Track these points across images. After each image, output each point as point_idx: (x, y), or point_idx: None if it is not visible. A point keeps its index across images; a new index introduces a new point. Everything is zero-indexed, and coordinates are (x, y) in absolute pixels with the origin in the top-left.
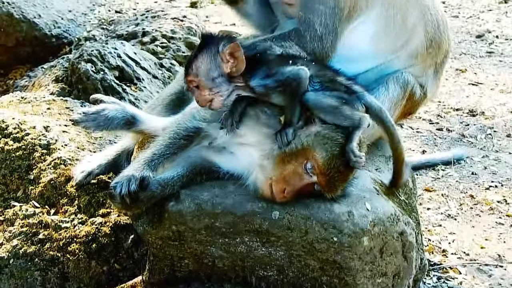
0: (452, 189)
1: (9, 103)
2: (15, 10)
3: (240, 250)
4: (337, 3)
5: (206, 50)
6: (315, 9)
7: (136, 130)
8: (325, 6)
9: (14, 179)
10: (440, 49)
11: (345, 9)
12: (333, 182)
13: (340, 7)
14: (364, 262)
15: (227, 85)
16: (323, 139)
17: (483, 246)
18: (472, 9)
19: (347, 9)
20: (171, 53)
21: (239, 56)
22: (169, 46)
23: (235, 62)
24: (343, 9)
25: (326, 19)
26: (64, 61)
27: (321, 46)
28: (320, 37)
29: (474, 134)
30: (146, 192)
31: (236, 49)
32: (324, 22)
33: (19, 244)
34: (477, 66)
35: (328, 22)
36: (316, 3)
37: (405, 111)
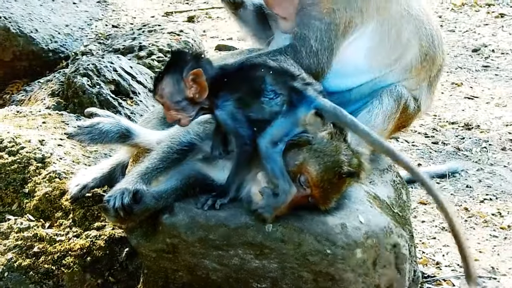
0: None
1: (4, 117)
2: (11, 24)
3: (234, 263)
4: (333, 19)
5: (171, 74)
6: (311, 25)
7: (131, 143)
8: (321, 22)
9: (9, 193)
10: (434, 63)
11: (340, 25)
12: (327, 194)
13: (335, 23)
14: (357, 274)
15: (192, 108)
16: (316, 153)
17: (477, 259)
18: (468, 24)
19: (343, 25)
20: None
21: (201, 82)
22: (165, 60)
23: (197, 88)
24: (338, 25)
25: (322, 35)
26: (60, 75)
27: (316, 61)
28: (315, 53)
29: (469, 147)
30: (140, 205)
31: (198, 75)
32: (319, 38)
33: (14, 257)
34: (473, 80)
35: (324, 38)
36: (312, 19)
37: (399, 124)
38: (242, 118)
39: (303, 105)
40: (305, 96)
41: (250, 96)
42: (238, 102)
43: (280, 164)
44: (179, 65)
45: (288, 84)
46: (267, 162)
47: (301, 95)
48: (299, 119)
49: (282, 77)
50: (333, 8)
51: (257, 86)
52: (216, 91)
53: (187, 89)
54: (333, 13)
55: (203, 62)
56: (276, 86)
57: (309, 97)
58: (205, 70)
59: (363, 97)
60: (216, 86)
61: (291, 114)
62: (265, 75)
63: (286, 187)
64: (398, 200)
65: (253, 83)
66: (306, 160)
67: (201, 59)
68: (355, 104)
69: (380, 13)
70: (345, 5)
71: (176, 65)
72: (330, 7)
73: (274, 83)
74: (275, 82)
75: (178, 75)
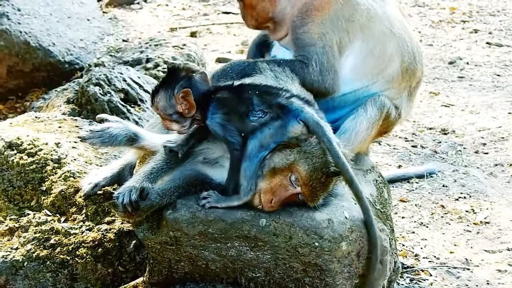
0: (424, 200)
1: (24, 122)
2: (31, 39)
3: (231, 254)
4: (325, 42)
5: (165, 89)
6: (307, 51)
7: (138, 146)
8: (315, 46)
9: (28, 190)
10: (414, 76)
11: (334, 46)
12: (315, 192)
13: (329, 45)
14: (343, 265)
15: (184, 120)
16: (305, 154)
17: (452, 251)
18: (445, 38)
19: (336, 46)
20: None
21: (189, 100)
22: None
23: (187, 105)
24: (332, 47)
25: (319, 58)
26: (75, 85)
27: (321, 80)
28: (319, 72)
29: (445, 150)
30: (146, 201)
31: (187, 94)
32: (318, 60)
33: (32, 248)
34: (449, 90)
35: (323, 60)
36: (307, 46)
37: (381, 130)
38: (231, 127)
39: (291, 119)
40: (290, 110)
41: (239, 115)
42: (226, 116)
43: (254, 168)
44: (172, 82)
45: (273, 102)
46: (245, 160)
47: (286, 109)
48: (288, 131)
49: (267, 95)
50: (322, 32)
51: (245, 107)
52: (207, 105)
53: (177, 104)
54: (324, 37)
55: (193, 80)
56: (263, 106)
57: (295, 110)
58: (195, 88)
59: (348, 105)
60: (206, 101)
61: (281, 126)
62: (252, 97)
63: (246, 191)
64: (380, 197)
65: (241, 104)
66: (296, 160)
67: (192, 78)
68: (340, 111)
69: (364, 32)
70: (332, 28)
71: (169, 82)
72: (320, 31)
73: (261, 103)
74: (262, 102)
75: (170, 91)
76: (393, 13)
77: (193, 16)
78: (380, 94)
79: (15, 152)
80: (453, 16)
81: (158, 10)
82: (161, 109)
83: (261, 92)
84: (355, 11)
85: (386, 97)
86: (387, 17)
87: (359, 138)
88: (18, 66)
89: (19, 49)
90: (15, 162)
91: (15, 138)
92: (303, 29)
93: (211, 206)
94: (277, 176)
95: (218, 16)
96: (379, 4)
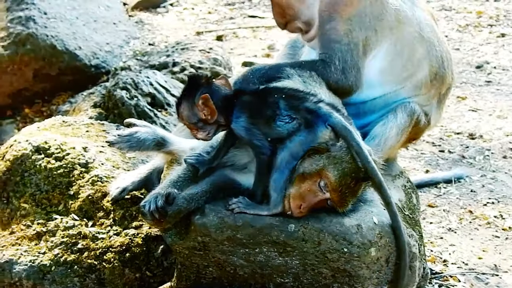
0: (452, 205)
1: (51, 126)
2: (58, 42)
3: (259, 259)
4: (351, 39)
5: (186, 99)
6: (331, 48)
7: (166, 150)
8: (340, 43)
9: (56, 195)
10: (444, 83)
11: (359, 44)
12: (345, 198)
13: (354, 43)
14: (372, 271)
15: (209, 126)
16: (334, 159)
17: (480, 257)
18: (472, 42)
19: (361, 44)
20: None
21: (210, 106)
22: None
23: (208, 111)
24: (357, 44)
25: (343, 55)
26: (101, 89)
27: (344, 78)
28: (342, 71)
29: (473, 155)
30: (173, 206)
31: (206, 100)
32: (342, 57)
33: (60, 253)
34: (476, 94)
35: (346, 58)
36: (332, 42)
37: (410, 136)
38: (256, 131)
39: (319, 123)
40: (319, 115)
41: (265, 119)
42: (251, 119)
43: (284, 180)
44: (192, 91)
45: (301, 106)
46: (275, 172)
47: (315, 114)
48: (317, 137)
49: (294, 99)
50: (349, 28)
51: (271, 111)
52: (230, 109)
53: (199, 112)
54: (350, 34)
55: (213, 86)
56: (290, 111)
57: (323, 115)
58: (214, 94)
59: (378, 110)
60: (229, 105)
61: (310, 132)
62: (278, 101)
63: (276, 203)
64: (408, 203)
65: (267, 108)
66: (325, 166)
67: (212, 84)
68: (370, 116)
69: (393, 32)
70: (359, 25)
71: (190, 91)
72: (346, 28)
73: (288, 108)
74: (289, 107)
75: (191, 100)
76: (423, 17)
77: (219, 20)
78: (410, 101)
79: (43, 156)
80: (480, 20)
81: (184, 13)
82: (185, 119)
83: (288, 96)
84: (384, 10)
85: (416, 103)
86: (416, 20)
87: (388, 144)
88: (44, 70)
89: (45, 52)
90: (42, 167)
91: (43, 142)
92: (329, 25)
93: (241, 211)
94: (306, 182)
95: (244, 20)
96: (409, 5)
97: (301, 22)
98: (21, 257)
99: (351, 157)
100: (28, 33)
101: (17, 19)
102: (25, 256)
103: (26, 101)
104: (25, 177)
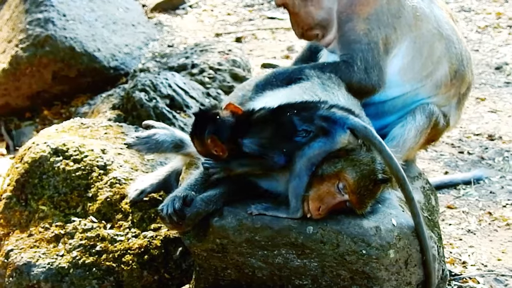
0: (472, 207)
1: (69, 128)
2: (76, 44)
3: (277, 262)
4: (370, 39)
5: (197, 136)
6: (352, 48)
7: (184, 152)
8: (360, 43)
9: (74, 197)
10: (464, 81)
11: (379, 43)
12: (363, 200)
13: (374, 42)
14: (391, 273)
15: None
16: (353, 162)
17: (499, 259)
18: (491, 44)
19: (381, 42)
20: (217, 83)
21: (219, 145)
22: (215, 77)
23: (217, 149)
24: (377, 43)
25: (364, 55)
26: (120, 91)
27: (367, 77)
28: (364, 70)
29: (492, 156)
30: (191, 209)
31: (214, 139)
32: (363, 57)
33: (78, 255)
34: (495, 95)
35: (368, 57)
36: (352, 43)
37: (429, 138)
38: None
39: (338, 129)
40: (336, 120)
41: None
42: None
43: (303, 186)
44: (200, 128)
45: (315, 116)
46: (294, 178)
47: (331, 120)
48: (336, 142)
49: (306, 111)
50: (367, 28)
51: (287, 129)
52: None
53: (211, 149)
54: (369, 33)
55: (219, 121)
56: (305, 124)
57: (340, 119)
58: (221, 131)
59: (396, 111)
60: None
61: (328, 139)
62: (292, 118)
63: (296, 209)
64: (427, 204)
65: (283, 127)
66: (344, 168)
67: (217, 119)
68: (389, 117)
69: (412, 30)
70: (378, 24)
71: (199, 128)
72: (365, 27)
73: (303, 122)
74: (303, 121)
75: (201, 137)
76: (441, 14)
77: (238, 22)
78: (430, 102)
79: (61, 159)
80: (499, 21)
81: (203, 15)
82: (202, 153)
83: (299, 110)
84: (401, 7)
85: (435, 105)
86: (435, 17)
87: (406, 145)
88: (63, 72)
89: (64, 54)
90: (61, 169)
91: (61, 144)
92: (348, 26)
93: (260, 213)
94: (324, 184)
95: (263, 21)
96: (426, 3)
97: (319, 28)
98: (39, 259)
99: (370, 159)
100: (47, 35)
101: (36, 21)
102: (43, 258)
103: (45, 103)
104: (44, 179)
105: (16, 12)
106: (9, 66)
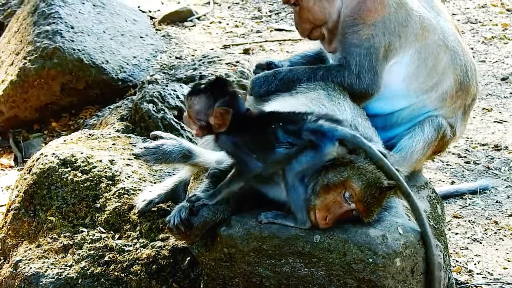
0: (478, 216)
1: (78, 139)
2: (85, 56)
3: (285, 270)
4: (372, 44)
5: (206, 97)
6: (351, 51)
7: (192, 163)
8: (360, 48)
9: (82, 207)
10: (469, 93)
11: (380, 49)
12: (370, 208)
13: (375, 47)
14: (397, 281)
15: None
16: (358, 170)
17: (505, 267)
18: (497, 55)
19: (383, 49)
20: None
21: (225, 119)
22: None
23: (220, 121)
24: (378, 49)
25: (361, 59)
26: (128, 102)
27: (359, 82)
28: (357, 75)
29: (498, 166)
30: (198, 218)
31: (227, 113)
32: (359, 61)
33: (86, 265)
34: (501, 106)
35: (364, 62)
36: (352, 46)
37: (436, 149)
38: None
39: (326, 142)
40: (324, 132)
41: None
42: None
43: (302, 198)
44: (216, 93)
45: (303, 130)
46: (290, 193)
47: (320, 133)
48: (326, 154)
49: (293, 123)
50: (372, 34)
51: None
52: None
53: (211, 117)
54: (372, 38)
55: (237, 101)
56: (290, 137)
57: (329, 132)
58: (235, 111)
59: (404, 123)
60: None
61: (318, 152)
62: (276, 130)
63: (303, 221)
64: (433, 213)
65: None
66: (350, 177)
67: (238, 98)
68: (397, 129)
69: (418, 39)
70: (383, 31)
71: (214, 91)
72: (369, 33)
73: (287, 135)
74: (287, 134)
75: (212, 101)
76: (447, 26)
77: (246, 33)
78: (438, 115)
79: (69, 170)
80: (506, 32)
81: (211, 27)
82: (193, 110)
83: (286, 122)
84: (409, 17)
85: (442, 117)
86: (441, 29)
87: (414, 157)
88: (71, 84)
89: (72, 66)
90: (69, 180)
91: (69, 155)
92: (352, 29)
93: (269, 221)
94: (331, 193)
95: (271, 33)
96: (433, 14)
97: (327, 29)
98: (48, 270)
99: (375, 167)
100: (55, 47)
101: (44, 33)
102: (52, 269)
103: (53, 115)
104: (52, 190)
105: (24, 25)
106: (17, 78)
